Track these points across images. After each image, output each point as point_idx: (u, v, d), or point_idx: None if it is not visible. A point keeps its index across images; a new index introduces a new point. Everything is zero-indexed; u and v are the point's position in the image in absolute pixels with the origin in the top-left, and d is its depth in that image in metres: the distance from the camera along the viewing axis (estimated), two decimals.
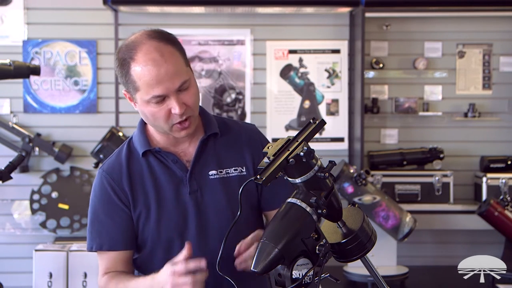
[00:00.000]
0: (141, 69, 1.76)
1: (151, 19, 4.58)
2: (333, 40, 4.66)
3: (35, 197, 4.48)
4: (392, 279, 3.93)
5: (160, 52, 1.77)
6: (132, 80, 1.80)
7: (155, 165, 1.91)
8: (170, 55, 1.78)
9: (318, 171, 1.52)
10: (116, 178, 1.90)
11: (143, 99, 1.81)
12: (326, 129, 4.65)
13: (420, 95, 4.72)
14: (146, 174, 1.90)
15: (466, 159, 4.72)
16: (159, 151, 1.91)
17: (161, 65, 1.76)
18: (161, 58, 1.76)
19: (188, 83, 1.81)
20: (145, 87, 1.78)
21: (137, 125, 1.99)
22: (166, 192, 1.88)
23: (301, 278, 1.50)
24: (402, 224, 3.95)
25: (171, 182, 1.89)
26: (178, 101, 1.78)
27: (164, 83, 1.76)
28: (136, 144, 1.95)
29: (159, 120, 1.82)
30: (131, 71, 1.79)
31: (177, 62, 1.79)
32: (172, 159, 1.90)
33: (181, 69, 1.79)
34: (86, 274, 4.03)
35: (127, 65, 1.79)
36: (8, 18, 4.52)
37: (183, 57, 1.83)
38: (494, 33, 4.75)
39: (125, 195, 1.89)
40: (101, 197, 1.91)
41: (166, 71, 1.76)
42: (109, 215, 1.90)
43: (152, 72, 1.75)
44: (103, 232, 1.90)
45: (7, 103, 4.53)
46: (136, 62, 1.77)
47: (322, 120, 1.59)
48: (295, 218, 1.51)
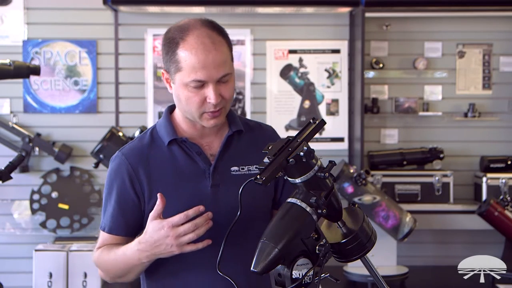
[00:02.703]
0: (189, 51, 1.78)
1: (151, 19, 4.58)
2: (333, 40, 4.66)
3: (35, 197, 4.48)
4: (392, 279, 3.93)
5: (212, 39, 1.80)
6: (176, 60, 1.81)
7: (178, 154, 1.90)
8: (220, 45, 1.81)
9: (318, 171, 1.52)
10: (133, 164, 1.89)
11: (182, 81, 1.81)
12: (326, 129, 4.65)
13: (420, 95, 4.72)
14: (167, 163, 1.90)
15: (466, 159, 4.72)
16: (185, 141, 1.90)
17: (210, 51, 1.78)
18: (212, 45, 1.79)
19: (229, 77, 1.83)
20: (188, 69, 1.79)
21: (163, 114, 1.99)
22: (187, 183, 1.88)
23: (301, 278, 1.50)
24: (402, 224, 3.95)
25: (193, 174, 1.89)
26: (215, 91, 1.80)
27: (209, 70, 1.78)
28: (161, 132, 1.94)
29: (192, 106, 1.83)
30: (178, 50, 1.80)
31: (225, 54, 1.82)
32: (197, 151, 1.90)
33: (227, 62, 1.82)
34: (86, 274, 4.03)
35: (175, 45, 1.81)
36: (8, 18, 4.52)
37: (230, 51, 1.86)
38: (494, 33, 4.75)
39: (140, 183, 1.88)
40: (114, 180, 1.91)
41: (214, 59, 1.78)
42: (117, 200, 1.90)
43: (200, 56, 1.77)
44: (108, 214, 1.92)
45: (7, 103, 4.53)
46: (185, 43, 1.79)
47: (322, 120, 1.60)
48: (295, 218, 1.51)
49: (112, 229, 1.91)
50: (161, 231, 1.72)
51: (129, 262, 1.82)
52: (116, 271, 1.89)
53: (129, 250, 1.80)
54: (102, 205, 1.98)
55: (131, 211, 1.89)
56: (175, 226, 1.71)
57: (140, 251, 1.77)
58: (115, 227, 1.91)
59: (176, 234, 1.71)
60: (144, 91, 4.58)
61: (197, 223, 1.71)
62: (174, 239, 1.71)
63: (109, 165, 1.95)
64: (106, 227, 1.92)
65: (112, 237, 1.92)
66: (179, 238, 1.71)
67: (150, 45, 4.57)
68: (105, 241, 1.93)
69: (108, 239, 1.92)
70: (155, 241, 1.73)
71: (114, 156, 1.94)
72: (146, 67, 4.58)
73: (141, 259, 1.79)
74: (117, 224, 1.90)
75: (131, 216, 1.90)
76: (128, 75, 4.59)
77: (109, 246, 1.90)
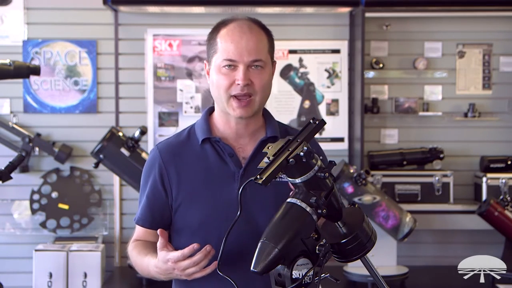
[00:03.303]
0: (226, 33, 1.87)
1: (151, 19, 4.58)
2: (333, 40, 4.66)
3: (35, 197, 4.48)
4: (392, 279, 3.93)
5: (250, 28, 1.88)
6: (214, 42, 1.89)
7: (210, 154, 1.93)
8: (257, 34, 1.89)
9: (318, 171, 1.53)
10: (166, 159, 1.94)
11: (216, 64, 1.88)
12: (326, 129, 4.65)
13: (420, 95, 4.72)
14: (199, 161, 1.93)
15: (466, 159, 4.72)
16: (218, 141, 1.93)
17: (245, 33, 1.86)
18: (248, 31, 1.87)
19: (262, 65, 1.88)
20: (222, 49, 1.86)
21: (202, 114, 2.04)
22: (215, 184, 1.90)
23: (301, 278, 1.50)
24: (402, 224, 3.95)
25: (223, 175, 1.91)
26: (245, 73, 1.85)
27: (241, 51, 1.85)
28: (197, 130, 1.98)
29: (221, 88, 1.87)
30: (218, 34, 1.89)
31: (261, 42, 1.89)
32: (229, 153, 1.93)
33: (262, 50, 1.88)
34: (86, 274, 4.03)
35: (216, 30, 1.91)
36: (8, 18, 4.52)
37: (269, 46, 1.92)
38: (494, 33, 4.75)
39: (169, 179, 1.93)
40: (148, 173, 1.98)
41: (247, 42, 1.85)
42: (147, 194, 1.97)
43: (234, 37, 1.86)
44: (140, 206, 2.01)
45: (7, 103, 4.53)
46: (225, 28, 1.89)
47: (322, 120, 1.60)
48: (295, 218, 1.51)
49: (140, 220, 2.01)
50: (167, 264, 1.79)
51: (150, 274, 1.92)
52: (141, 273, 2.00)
53: (150, 266, 1.89)
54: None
55: (158, 205, 1.96)
56: (177, 261, 1.78)
57: (157, 273, 1.86)
58: (142, 219, 2.00)
59: (181, 268, 1.78)
60: (144, 91, 4.58)
61: (195, 260, 1.77)
62: (180, 272, 1.79)
63: (147, 158, 2.03)
64: (136, 218, 2.02)
65: (141, 228, 2.02)
66: (184, 270, 1.78)
67: (150, 45, 4.57)
68: (138, 232, 2.03)
69: (139, 230, 2.03)
70: (165, 270, 1.82)
71: (151, 149, 2.02)
72: (146, 67, 4.58)
73: (160, 278, 1.89)
74: (145, 216, 1.99)
75: (158, 210, 1.96)
76: (128, 75, 4.59)
77: (141, 246, 1.98)
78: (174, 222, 1.96)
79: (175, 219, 1.95)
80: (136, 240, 2.03)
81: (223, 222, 1.84)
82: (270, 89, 1.96)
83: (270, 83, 1.93)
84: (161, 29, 4.57)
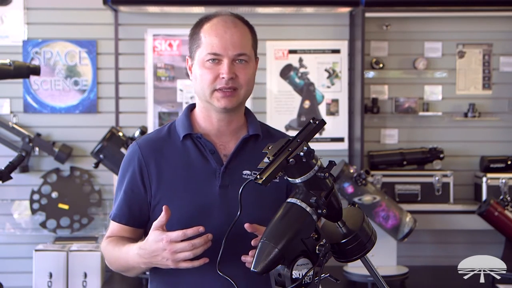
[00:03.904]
0: (210, 27, 1.88)
1: (151, 19, 4.58)
2: (333, 40, 4.66)
3: (35, 197, 4.48)
4: (392, 279, 3.93)
5: (234, 23, 1.89)
6: (198, 37, 1.89)
7: (191, 150, 1.91)
8: (241, 29, 1.89)
9: (318, 171, 1.53)
10: (146, 155, 1.91)
11: (199, 58, 1.87)
12: (326, 129, 4.65)
13: (420, 95, 4.72)
14: (180, 158, 1.91)
15: (466, 159, 4.72)
16: (200, 137, 1.91)
17: (229, 28, 1.87)
18: (232, 26, 1.88)
19: (246, 60, 1.87)
20: (206, 43, 1.86)
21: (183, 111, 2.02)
22: (196, 180, 1.88)
23: (301, 278, 1.50)
24: (402, 224, 3.95)
25: (204, 172, 1.89)
26: (229, 67, 1.84)
27: (225, 45, 1.84)
28: (178, 127, 1.96)
29: (205, 82, 1.86)
30: (201, 29, 1.89)
31: (245, 37, 1.89)
32: (210, 149, 1.91)
33: (246, 44, 1.88)
34: (86, 274, 4.03)
35: (200, 25, 1.91)
36: (8, 18, 4.52)
37: (253, 41, 1.93)
38: (494, 33, 4.75)
39: (149, 175, 1.90)
40: (126, 169, 1.94)
41: (231, 36, 1.85)
42: (125, 189, 1.93)
43: (219, 31, 1.86)
44: (116, 202, 1.96)
45: (7, 103, 4.53)
46: (209, 22, 1.89)
47: (322, 120, 1.60)
48: (295, 218, 1.51)
49: (116, 216, 1.95)
50: (160, 243, 1.73)
51: (129, 263, 1.86)
52: (118, 266, 1.94)
53: (131, 251, 1.83)
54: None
55: (137, 202, 1.92)
56: (173, 242, 1.72)
57: (139, 256, 1.80)
58: (118, 215, 1.95)
59: (173, 250, 1.72)
60: (144, 91, 4.58)
61: (195, 244, 1.72)
62: (170, 254, 1.72)
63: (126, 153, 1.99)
64: (112, 215, 1.97)
65: (118, 225, 1.96)
66: (175, 254, 1.72)
67: (150, 45, 4.56)
68: (113, 229, 1.97)
69: (114, 227, 1.96)
70: (153, 251, 1.75)
71: (130, 145, 1.97)
72: (146, 67, 4.58)
73: (139, 264, 1.82)
74: (122, 212, 1.94)
75: (136, 206, 1.92)
76: (128, 75, 4.59)
77: (116, 239, 1.93)
78: (152, 219, 1.86)
79: (153, 216, 1.89)
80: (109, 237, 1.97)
81: (203, 219, 1.82)
82: (253, 85, 1.94)
83: (253, 78, 1.92)
84: (161, 29, 4.57)
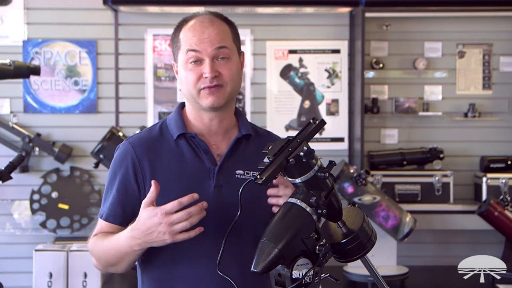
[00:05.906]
0: (187, 28, 1.88)
1: (151, 19, 4.58)
2: (333, 40, 4.66)
3: (35, 197, 4.48)
4: (392, 279, 3.93)
5: (211, 22, 1.89)
6: (177, 40, 1.90)
7: (185, 150, 1.90)
8: (219, 26, 1.89)
9: (318, 171, 1.53)
10: (139, 154, 1.88)
11: (182, 60, 1.88)
12: (326, 129, 4.65)
13: (420, 95, 4.72)
14: (173, 157, 1.89)
15: (466, 159, 4.72)
16: (194, 137, 1.90)
17: (207, 27, 1.87)
18: (210, 25, 1.87)
19: (228, 56, 1.87)
20: (184, 43, 1.87)
21: (174, 109, 2.00)
22: (190, 180, 1.86)
23: (301, 278, 1.50)
24: (402, 224, 3.95)
25: (198, 171, 1.87)
26: (211, 65, 1.84)
27: (204, 43, 1.85)
28: (171, 126, 1.94)
29: (190, 84, 1.86)
30: (181, 31, 1.90)
31: (223, 33, 1.88)
32: (204, 149, 1.90)
33: (225, 39, 1.88)
34: (86, 274, 4.03)
35: (179, 29, 1.92)
36: (8, 18, 4.52)
37: (233, 36, 1.92)
38: (494, 33, 4.75)
39: (143, 174, 1.87)
40: (118, 168, 1.90)
41: (209, 34, 1.86)
42: (117, 188, 1.89)
43: (196, 31, 1.86)
44: (108, 201, 1.91)
45: (7, 103, 4.53)
46: (187, 24, 1.90)
47: (322, 120, 1.60)
48: (295, 218, 1.51)
49: (109, 217, 1.90)
50: (154, 218, 1.69)
51: (121, 250, 1.79)
52: (108, 259, 1.86)
53: (122, 237, 1.78)
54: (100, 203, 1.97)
55: (130, 201, 1.88)
56: (168, 214, 1.68)
57: (132, 238, 1.74)
58: (111, 215, 1.89)
59: (169, 222, 1.67)
60: (144, 91, 4.58)
61: (191, 212, 1.68)
62: (166, 227, 1.68)
63: (115, 152, 1.93)
64: (104, 214, 1.91)
65: (108, 225, 1.90)
66: (172, 226, 1.68)
67: (150, 45, 4.57)
68: (102, 229, 1.91)
69: (104, 227, 1.91)
70: (147, 228, 1.70)
71: (121, 143, 1.93)
72: (146, 67, 4.58)
73: (132, 247, 1.76)
74: (114, 212, 1.89)
75: (130, 206, 1.88)
76: (128, 75, 4.59)
77: (105, 234, 1.88)
78: None
79: None
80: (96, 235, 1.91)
81: None
82: (240, 80, 1.93)
83: (239, 73, 1.91)
84: (161, 29, 4.57)
